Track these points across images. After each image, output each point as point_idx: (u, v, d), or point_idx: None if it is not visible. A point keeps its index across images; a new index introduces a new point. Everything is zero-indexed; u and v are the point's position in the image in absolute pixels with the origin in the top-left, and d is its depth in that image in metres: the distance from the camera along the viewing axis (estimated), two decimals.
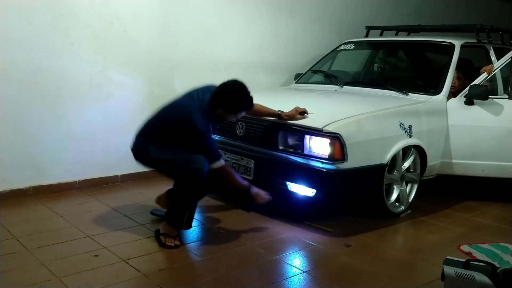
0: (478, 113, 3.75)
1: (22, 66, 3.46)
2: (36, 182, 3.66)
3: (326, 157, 2.99)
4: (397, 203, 3.53)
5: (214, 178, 2.90)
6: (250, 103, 2.89)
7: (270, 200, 3.03)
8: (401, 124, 3.34)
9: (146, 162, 2.93)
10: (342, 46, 4.73)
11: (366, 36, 4.97)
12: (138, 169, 4.14)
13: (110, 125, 3.95)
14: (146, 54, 4.08)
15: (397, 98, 3.76)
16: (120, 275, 2.46)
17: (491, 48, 4.21)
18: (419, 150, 3.55)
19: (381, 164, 3.23)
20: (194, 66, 4.38)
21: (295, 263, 2.72)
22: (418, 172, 3.62)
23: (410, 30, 4.99)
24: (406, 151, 3.47)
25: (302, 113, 3.18)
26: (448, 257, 2.24)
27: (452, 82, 3.89)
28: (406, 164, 3.50)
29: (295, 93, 4.33)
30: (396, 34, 4.98)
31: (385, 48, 4.87)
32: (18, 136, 3.53)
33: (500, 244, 3.08)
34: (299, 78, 4.73)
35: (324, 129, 3.00)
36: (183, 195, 2.84)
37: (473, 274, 2.10)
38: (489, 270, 2.12)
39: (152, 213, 3.29)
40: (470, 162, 3.83)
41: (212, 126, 2.88)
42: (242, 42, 4.75)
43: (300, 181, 3.15)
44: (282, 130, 3.22)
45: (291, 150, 3.19)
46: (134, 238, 2.94)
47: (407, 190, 3.59)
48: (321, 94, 4.11)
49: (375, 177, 3.25)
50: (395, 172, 3.41)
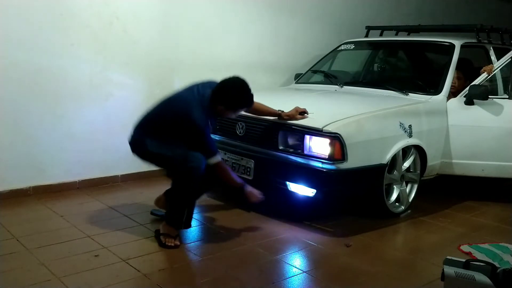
0: (478, 113, 3.75)
1: (22, 66, 3.46)
2: (36, 182, 3.66)
3: (326, 157, 3.00)
4: (397, 203, 3.53)
5: (211, 176, 2.90)
6: (251, 100, 2.91)
7: (263, 199, 3.03)
8: (401, 124, 3.34)
9: (143, 155, 2.92)
10: (342, 46, 4.73)
11: (366, 36, 4.96)
12: (138, 169, 4.18)
13: (110, 125, 3.95)
14: (146, 54, 4.08)
15: (397, 98, 3.76)
16: (120, 275, 2.46)
17: (491, 48, 4.21)
18: (419, 150, 3.55)
19: (381, 164, 3.23)
20: (194, 66, 4.38)
21: (295, 263, 2.72)
22: (418, 172, 3.62)
23: (410, 30, 4.99)
24: (406, 151, 3.47)
25: (302, 113, 3.18)
26: (448, 257, 2.24)
27: (452, 82, 3.89)
28: (406, 164, 3.50)
29: (295, 93, 4.33)
30: (396, 34, 4.98)
31: (385, 48, 4.87)
32: (18, 136, 3.53)
33: (500, 244, 3.08)
34: (299, 78, 4.73)
35: (324, 129, 3.00)
36: (181, 195, 2.84)
37: (473, 274, 2.10)
38: (489, 270, 2.12)
39: (152, 213, 3.30)
40: (470, 162, 3.83)
41: (211, 122, 2.87)
42: (242, 42, 4.75)
43: (300, 181, 3.15)
44: (282, 130, 3.22)
45: (291, 150, 3.19)
46: (134, 238, 2.94)
47: (407, 190, 3.59)
48: (321, 94, 4.11)
49: (375, 177, 3.25)
50: (395, 172, 3.41)
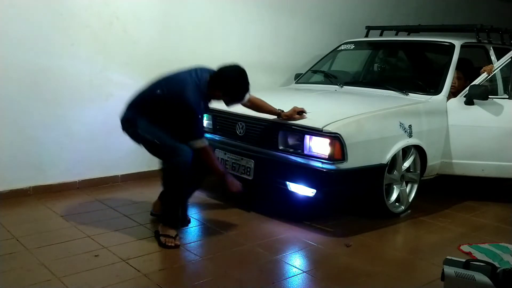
0: (478, 113, 3.75)
1: (22, 66, 3.46)
2: (36, 182, 3.66)
3: (326, 157, 2.99)
4: (397, 203, 3.53)
5: (201, 173, 2.97)
6: (248, 89, 2.94)
7: (242, 191, 3.04)
8: (401, 124, 3.34)
9: (133, 136, 2.94)
10: (342, 46, 4.73)
11: (366, 36, 4.96)
12: (138, 169, 4.18)
13: (110, 125, 3.93)
14: (146, 54, 4.08)
15: (397, 98, 3.76)
16: (120, 275, 2.46)
17: (491, 48, 4.21)
18: (419, 150, 3.55)
19: (381, 164, 3.23)
20: None
21: (295, 263, 2.72)
22: (418, 172, 3.62)
23: (410, 30, 4.99)
24: (406, 151, 3.47)
25: (300, 112, 3.18)
26: (448, 257, 2.24)
27: (452, 82, 3.89)
28: (406, 164, 3.50)
29: (295, 93, 4.33)
30: (396, 34, 4.98)
31: (385, 48, 4.87)
32: (18, 136, 3.53)
33: (500, 244, 3.08)
34: (299, 78, 4.73)
35: (324, 129, 2.99)
36: (172, 192, 2.88)
37: (473, 274, 2.10)
38: (489, 270, 2.12)
39: (152, 214, 3.29)
40: (470, 162, 3.83)
41: (204, 105, 2.90)
42: (242, 42, 4.75)
43: (300, 181, 3.15)
44: (282, 130, 3.22)
45: (291, 150, 3.19)
46: (134, 238, 2.94)
47: (407, 190, 3.59)
48: (321, 94, 4.11)
49: (375, 177, 3.25)
50: (395, 172, 3.41)
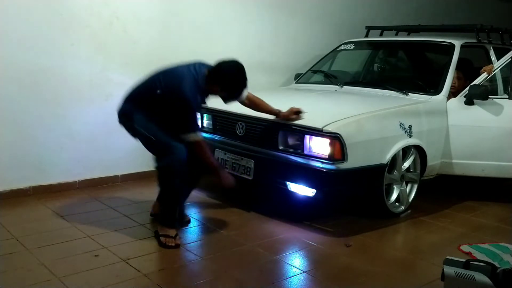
0: (478, 113, 3.75)
1: (22, 66, 3.46)
2: (36, 182, 3.66)
3: (326, 157, 2.99)
4: (397, 203, 3.52)
5: (196, 171, 2.99)
6: (246, 85, 2.95)
7: (235, 186, 3.04)
8: (401, 124, 3.34)
9: (129, 130, 2.96)
10: (342, 46, 4.73)
11: (366, 36, 4.96)
12: (138, 169, 4.18)
13: (110, 125, 3.92)
14: (146, 54, 4.08)
15: (397, 98, 3.76)
16: (120, 275, 2.46)
17: (491, 48, 4.21)
18: (419, 150, 3.55)
19: (381, 164, 3.22)
20: None
21: (295, 263, 2.72)
22: (418, 172, 3.62)
23: (410, 30, 4.99)
24: (406, 151, 3.47)
25: (298, 112, 3.17)
26: (448, 257, 2.24)
27: (452, 82, 3.89)
28: (406, 164, 3.50)
29: (295, 93, 4.33)
30: (396, 34, 4.98)
31: (385, 48, 4.87)
32: (18, 136, 3.53)
33: (500, 244, 3.08)
34: (299, 78, 4.73)
35: (324, 129, 2.99)
36: (168, 192, 2.89)
37: (473, 274, 2.10)
38: (489, 270, 2.12)
39: (151, 214, 3.28)
40: (470, 162, 3.83)
41: (201, 100, 2.90)
42: (242, 42, 4.75)
43: (300, 181, 3.15)
44: (282, 130, 3.22)
45: (291, 150, 3.18)
46: (134, 238, 2.94)
47: (407, 190, 3.59)
48: (321, 94, 4.11)
49: (375, 177, 3.25)
50: (395, 172, 3.41)
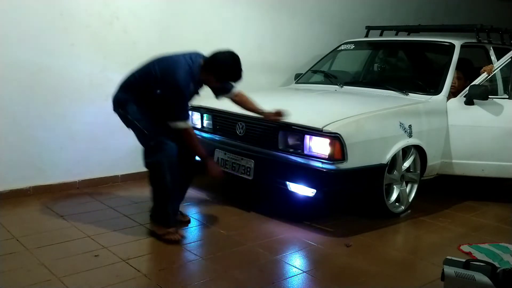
0: (478, 113, 3.75)
1: (22, 66, 3.46)
2: (36, 182, 3.66)
3: (326, 157, 2.99)
4: (397, 203, 3.53)
5: (189, 168, 3.04)
6: (241, 76, 2.97)
7: (222, 176, 3.09)
8: (401, 124, 3.34)
9: (122, 118, 2.98)
10: (342, 46, 4.73)
11: (366, 36, 4.96)
12: (138, 169, 4.16)
13: (110, 125, 3.93)
14: (146, 54, 4.02)
15: (397, 98, 3.76)
16: (120, 275, 2.46)
17: (491, 48, 4.21)
18: (419, 150, 3.55)
19: (381, 164, 3.23)
20: None
21: (295, 263, 2.72)
22: (418, 172, 3.62)
23: (410, 30, 4.99)
24: (406, 151, 3.47)
25: (279, 113, 3.15)
26: (448, 257, 2.24)
27: (452, 82, 3.89)
28: (406, 164, 3.50)
29: (295, 93, 4.33)
30: (396, 34, 4.98)
31: (385, 48, 4.87)
32: (18, 136, 3.53)
33: (500, 244, 3.08)
34: (299, 78, 4.73)
35: (324, 129, 2.99)
36: (158, 189, 2.93)
37: (473, 274, 2.10)
38: (489, 270, 2.12)
39: (151, 215, 3.28)
40: (470, 162, 3.83)
41: (194, 89, 2.92)
42: (242, 42, 4.75)
43: (300, 181, 3.15)
44: (282, 130, 3.22)
45: (291, 150, 3.19)
46: (134, 238, 2.94)
47: (407, 190, 3.59)
48: (321, 94, 4.11)
49: (375, 177, 3.25)
50: (395, 172, 3.41)
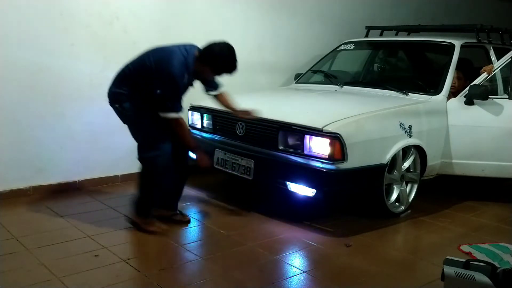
0: (478, 113, 3.75)
1: (22, 66, 3.46)
2: (36, 182, 3.66)
3: (326, 157, 2.99)
4: (397, 203, 3.53)
5: (183, 167, 3.11)
6: (236, 68, 2.99)
7: (210, 167, 3.15)
8: (401, 124, 3.34)
9: (119, 114, 2.99)
10: (342, 46, 4.73)
11: (366, 36, 4.96)
12: (138, 169, 4.17)
13: (110, 125, 3.92)
14: None
15: (397, 98, 3.76)
16: (120, 275, 2.46)
17: (491, 48, 4.21)
18: (419, 150, 3.55)
19: (381, 164, 3.23)
20: None
21: (295, 263, 2.72)
22: (418, 172, 3.62)
23: (410, 30, 4.99)
24: (406, 151, 3.47)
25: (247, 112, 3.21)
26: (448, 257, 2.24)
27: (452, 82, 3.89)
28: (406, 164, 3.50)
29: (295, 93, 4.33)
30: (396, 34, 4.98)
31: (385, 48, 4.87)
32: (18, 136, 3.53)
33: (500, 244, 3.08)
34: (299, 78, 4.73)
35: (324, 129, 3.00)
36: (146, 185, 2.97)
37: (473, 274, 2.10)
38: (489, 270, 2.12)
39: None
40: (470, 162, 3.83)
41: (188, 80, 2.92)
42: (242, 42, 4.74)
43: (300, 181, 3.15)
44: (282, 130, 3.22)
45: (291, 150, 3.19)
46: (134, 238, 2.94)
47: (407, 190, 3.59)
48: (321, 94, 4.11)
49: (375, 177, 3.25)
50: (395, 172, 3.41)
